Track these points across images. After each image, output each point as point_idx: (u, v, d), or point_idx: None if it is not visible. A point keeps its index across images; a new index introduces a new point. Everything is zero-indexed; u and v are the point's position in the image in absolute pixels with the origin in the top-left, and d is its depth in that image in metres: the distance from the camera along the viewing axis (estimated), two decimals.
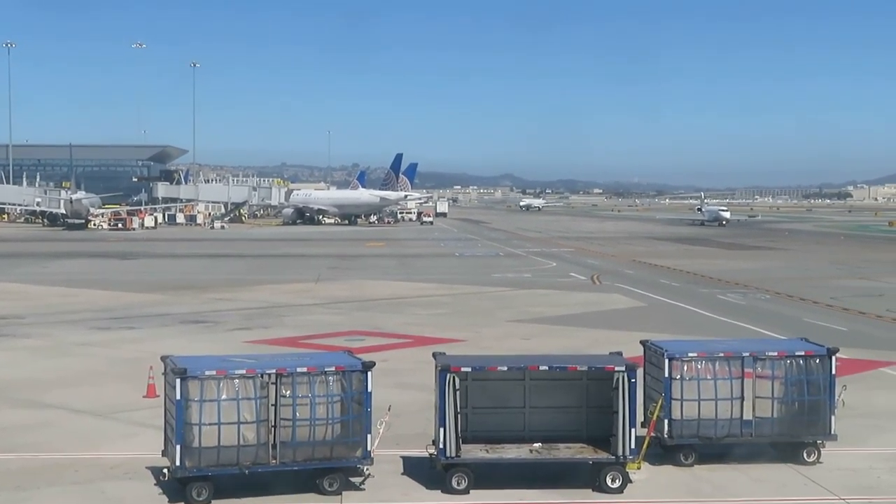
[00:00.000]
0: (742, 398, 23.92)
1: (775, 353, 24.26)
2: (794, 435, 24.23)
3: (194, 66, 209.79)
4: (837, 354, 24.59)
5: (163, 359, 22.61)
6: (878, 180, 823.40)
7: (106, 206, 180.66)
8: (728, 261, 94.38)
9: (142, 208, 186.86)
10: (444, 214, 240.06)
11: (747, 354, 24.13)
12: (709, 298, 60.47)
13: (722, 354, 24.12)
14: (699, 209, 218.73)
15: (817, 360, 24.15)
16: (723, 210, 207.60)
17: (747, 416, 24.02)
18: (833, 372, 24.15)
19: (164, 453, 22.25)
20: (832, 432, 24.20)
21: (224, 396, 21.03)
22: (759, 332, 44.67)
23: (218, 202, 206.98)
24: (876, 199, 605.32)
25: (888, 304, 56.79)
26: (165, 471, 21.56)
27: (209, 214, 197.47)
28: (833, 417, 24.14)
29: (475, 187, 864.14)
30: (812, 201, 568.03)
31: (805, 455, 24.14)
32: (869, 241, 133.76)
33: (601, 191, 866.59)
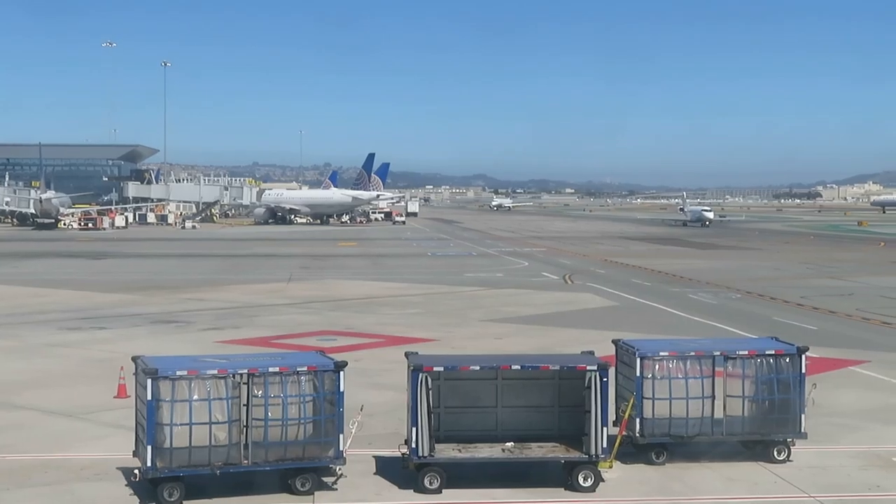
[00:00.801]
0: (713, 397, 24.04)
1: (746, 352, 24.39)
2: (765, 433, 24.36)
3: (165, 65, 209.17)
4: (807, 353, 24.73)
5: (134, 359, 22.51)
6: (847, 180, 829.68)
7: (76, 206, 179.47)
8: (699, 260, 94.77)
9: (112, 208, 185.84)
10: (414, 214, 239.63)
11: (718, 353, 24.25)
12: (680, 298, 60.72)
13: (693, 353, 24.21)
14: (681, 209, 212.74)
15: (787, 359, 24.30)
16: (706, 210, 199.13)
17: (718, 414, 24.15)
18: (803, 371, 24.29)
19: (135, 454, 22.15)
20: (802, 430, 24.34)
21: (195, 397, 20.94)
22: (730, 331, 44.90)
23: (189, 202, 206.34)
24: (845, 199, 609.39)
25: (858, 304, 57.22)
26: (136, 471, 21.44)
27: (180, 214, 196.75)
28: (803, 416, 24.28)
29: (447, 187, 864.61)
30: (782, 201, 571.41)
31: (775, 453, 24.27)
32: (838, 241, 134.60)
33: (573, 191, 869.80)
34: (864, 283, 71.40)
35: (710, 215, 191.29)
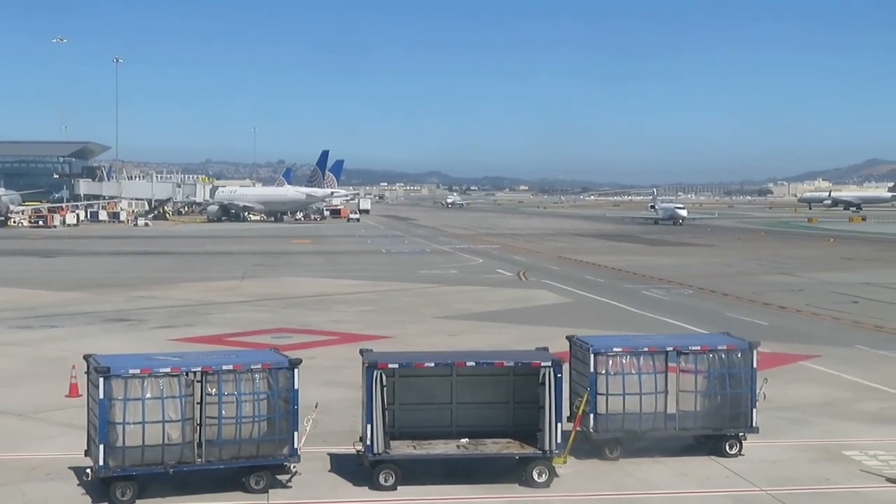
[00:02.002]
0: (666, 392, 24.23)
1: (698, 348, 24.60)
2: (717, 428, 24.59)
3: (117, 61, 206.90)
4: (758, 348, 25.00)
5: (86, 357, 22.31)
6: (797, 177, 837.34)
7: (26, 203, 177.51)
8: (652, 257, 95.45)
9: (63, 205, 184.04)
10: (366, 212, 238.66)
11: (671, 349, 24.42)
12: (633, 294, 61.10)
13: (646, 349, 24.37)
14: (652, 206, 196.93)
15: (739, 354, 24.54)
16: (679, 207, 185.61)
17: (671, 409, 24.35)
18: (754, 365, 24.55)
19: (87, 453, 21.96)
20: (754, 425, 24.60)
21: (148, 395, 20.80)
22: (683, 326, 45.26)
23: (142, 199, 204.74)
24: (795, 196, 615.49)
25: (808, 299, 57.88)
26: (89, 471, 21.28)
27: (133, 212, 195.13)
28: (754, 410, 24.54)
29: (402, 184, 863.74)
30: (733, 198, 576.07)
31: (727, 447, 24.51)
32: (789, 238, 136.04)
33: (527, 188, 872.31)
34: (813, 278, 72.22)
35: (684, 213, 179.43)
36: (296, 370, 21.76)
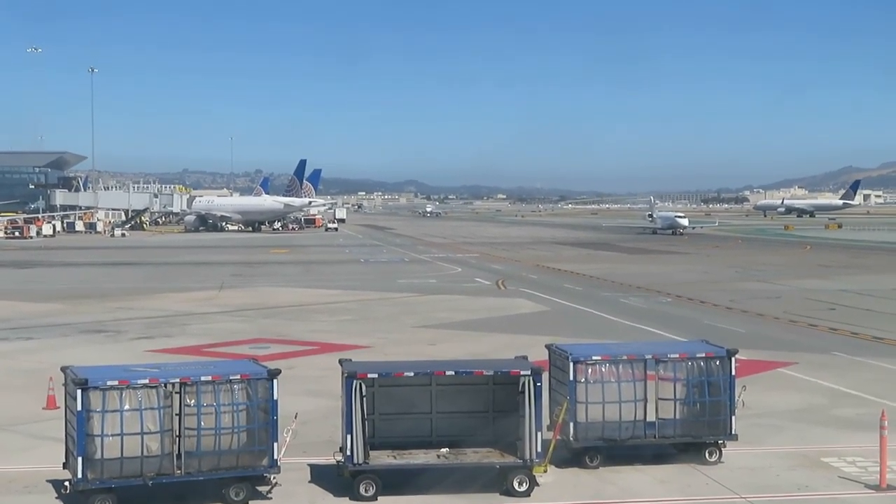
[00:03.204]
0: (645, 400, 24.27)
1: (677, 356, 24.65)
2: (696, 435, 24.64)
3: (92, 71, 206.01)
4: (737, 356, 25.08)
5: (63, 369, 22.17)
6: (773, 185, 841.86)
7: (2, 214, 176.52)
8: (630, 265, 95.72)
9: (39, 216, 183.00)
10: (342, 221, 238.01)
11: (650, 357, 24.47)
12: (611, 302, 61.23)
13: (625, 357, 24.41)
14: (650, 215, 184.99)
15: (717, 362, 24.60)
16: (680, 217, 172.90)
17: (650, 417, 24.39)
18: (733, 373, 24.62)
19: (65, 466, 21.82)
20: (733, 432, 24.67)
21: (127, 407, 20.68)
22: (661, 334, 45.36)
23: (118, 209, 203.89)
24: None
25: (785, 306, 58.13)
26: (67, 484, 21.14)
27: (109, 222, 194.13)
28: (733, 418, 24.62)
29: (380, 193, 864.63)
30: (710, 205, 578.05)
31: (707, 455, 24.57)
32: (766, 245, 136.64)
33: (505, 196, 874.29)
34: (790, 286, 72.55)
35: (685, 222, 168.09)
36: (275, 380, 21.69)
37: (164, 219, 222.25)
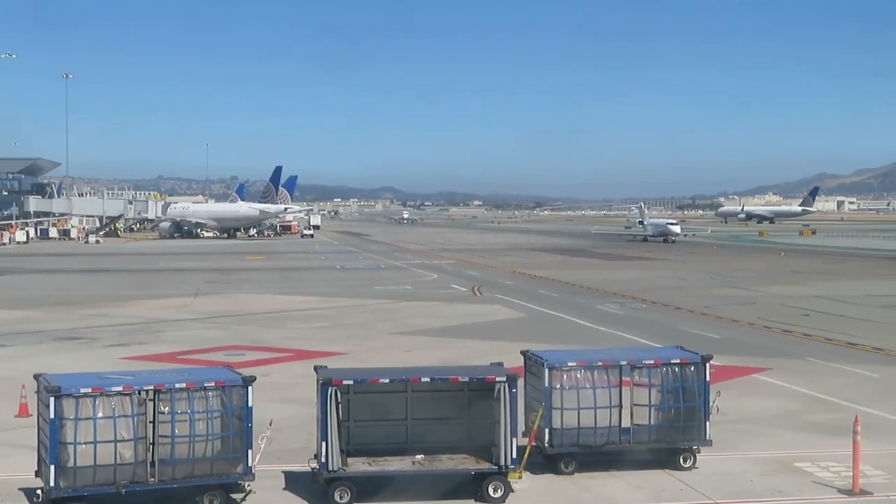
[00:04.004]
0: (620, 406, 24.29)
1: (652, 361, 24.70)
2: (671, 441, 24.69)
3: (67, 76, 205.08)
4: (711, 362, 25.16)
5: (36, 377, 22.01)
6: (748, 191, 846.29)
7: None
8: (606, 271, 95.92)
9: (12, 223, 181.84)
10: (316, 227, 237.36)
11: (625, 363, 24.49)
12: (587, 308, 61.33)
13: (600, 363, 24.42)
14: (640, 222, 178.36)
15: (692, 368, 24.65)
16: (672, 223, 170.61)
17: (625, 423, 24.41)
18: (707, 379, 24.67)
19: (37, 474, 21.63)
20: (707, 438, 24.72)
21: (100, 414, 20.55)
22: (636, 340, 45.47)
23: (92, 216, 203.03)
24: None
25: (759, 312, 58.38)
26: (39, 492, 20.98)
27: (83, 228, 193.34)
28: (708, 423, 24.66)
29: (356, 200, 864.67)
30: (685, 212, 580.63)
31: (681, 461, 24.61)
32: (740, 251, 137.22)
33: (481, 203, 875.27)
34: (765, 292, 72.89)
35: (677, 229, 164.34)
36: (250, 387, 21.61)
37: (138, 225, 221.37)
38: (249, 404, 21.53)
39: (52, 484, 20.36)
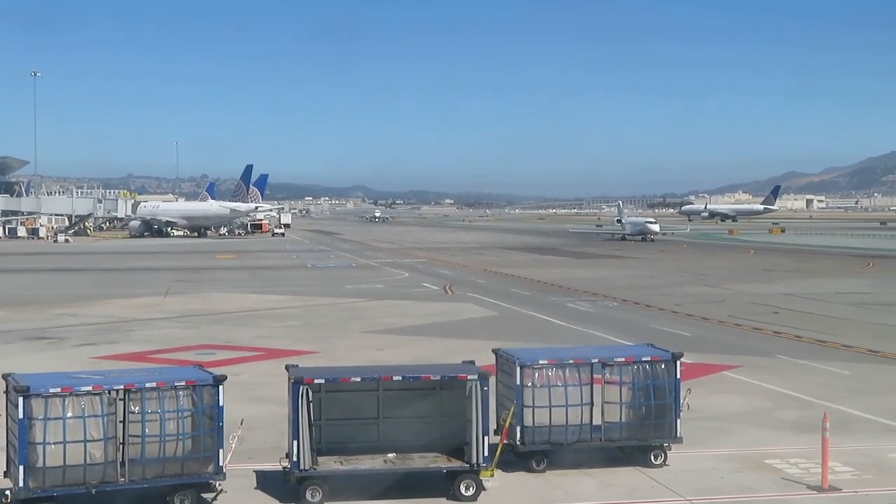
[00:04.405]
0: (591, 404, 24.33)
1: (623, 359, 24.76)
2: (642, 438, 24.76)
3: (35, 74, 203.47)
4: (682, 359, 25.22)
5: (4, 377, 21.85)
6: (718, 190, 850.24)
7: None
8: (577, 269, 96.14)
9: None
10: (287, 226, 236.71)
11: (596, 361, 24.54)
12: (559, 306, 61.46)
13: (572, 361, 24.45)
14: (619, 221, 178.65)
15: (663, 365, 24.73)
16: (650, 222, 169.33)
17: (597, 421, 24.44)
18: (678, 376, 24.76)
19: (6, 474, 21.46)
20: (678, 435, 24.82)
21: (70, 414, 20.41)
22: (608, 338, 45.59)
23: (62, 215, 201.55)
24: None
25: (729, 310, 58.69)
26: (8, 493, 20.82)
27: (52, 228, 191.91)
28: (678, 421, 24.75)
29: (327, 198, 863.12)
30: (656, 210, 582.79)
31: (652, 458, 24.70)
32: (711, 249, 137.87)
33: (452, 201, 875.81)
34: (735, 289, 73.29)
35: (656, 228, 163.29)
36: (221, 387, 21.52)
37: (108, 224, 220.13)
38: (220, 403, 21.44)
39: (21, 484, 20.21)
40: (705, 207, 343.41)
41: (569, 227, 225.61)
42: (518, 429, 23.94)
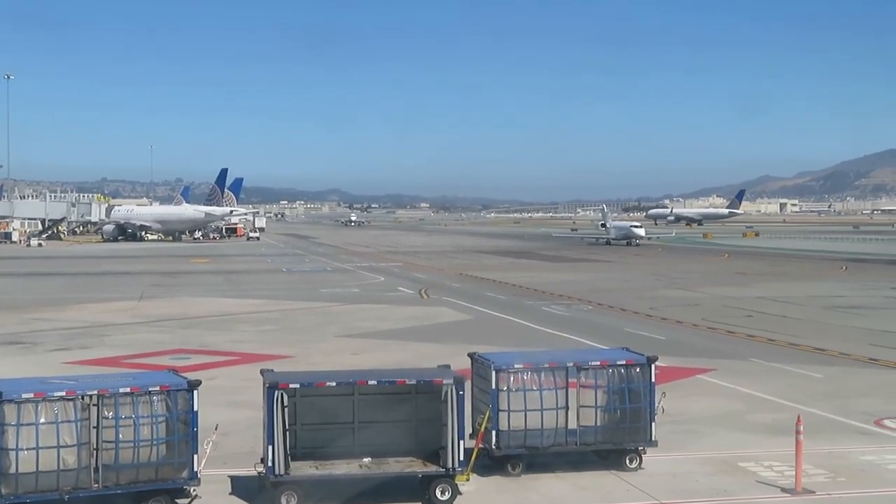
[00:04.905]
0: (567, 408, 24.36)
1: (598, 363, 24.81)
2: (617, 442, 24.82)
3: (8, 77, 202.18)
4: (657, 363, 25.32)
5: None
6: (692, 194, 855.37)
7: None
8: (552, 273, 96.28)
9: None
10: (262, 230, 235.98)
11: (571, 365, 24.58)
12: (534, 310, 61.53)
13: (547, 365, 24.50)
14: (603, 225, 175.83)
15: (638, 369, 24.81)
16: (636, 226, 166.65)
17: (572, 425, 24.48)
18: (653, 380, 24.84)
19: None
20: (653, 438, 24.89)
21: (42, 420, 20.28)
22: (583, 342, 45.66)
23: (35, 219, 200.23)
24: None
25: (704, 314, 58.91)
26: None
27: (26, 232, 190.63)
28: (653, 424, 24.83)
29: (302, 202, 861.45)
30: (631, 214, 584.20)
31: (627, 461, 24.77)
32: (686, 253, 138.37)
33: (428, 205, 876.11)
34: (709, 293, 73.56)
35: (641, 232, 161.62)
36: (195, 392, 21.44)
37: (81, 228, 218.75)
38: (195, 408, 21.36)
39: None
40: (671, 211, 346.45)
41: (552, 231, 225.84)
42: (494, 433, 23.96)
